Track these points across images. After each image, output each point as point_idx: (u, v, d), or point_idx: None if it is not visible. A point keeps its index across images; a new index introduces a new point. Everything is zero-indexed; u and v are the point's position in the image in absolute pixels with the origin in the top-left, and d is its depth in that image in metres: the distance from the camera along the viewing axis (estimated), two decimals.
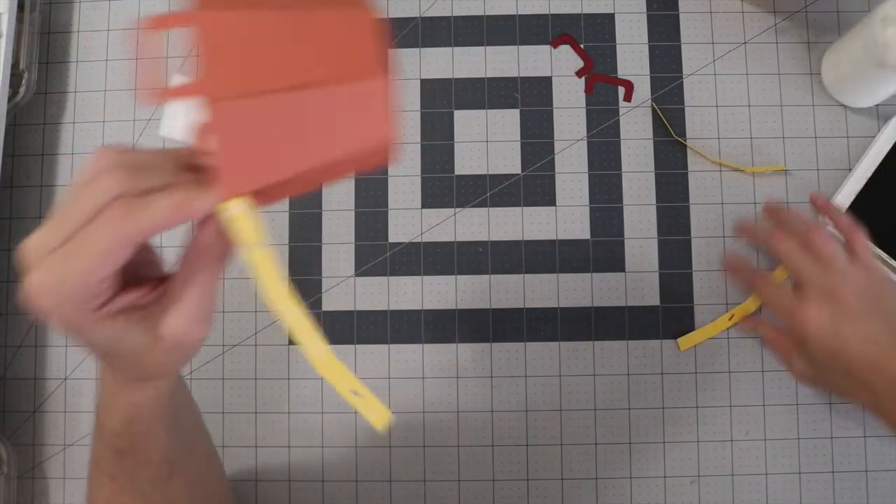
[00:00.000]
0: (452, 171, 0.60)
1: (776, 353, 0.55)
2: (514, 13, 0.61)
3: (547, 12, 0.61)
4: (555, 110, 0.60)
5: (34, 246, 0.30)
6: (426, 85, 0.61)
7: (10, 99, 0.59)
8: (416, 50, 0.61)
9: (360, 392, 0.31)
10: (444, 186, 0.60)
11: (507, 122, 0.60)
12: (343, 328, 0.58)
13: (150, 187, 0.29)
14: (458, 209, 0.59)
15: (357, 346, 0.58)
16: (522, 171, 0.60)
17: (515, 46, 0.61)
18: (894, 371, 0.46)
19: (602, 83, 0.60)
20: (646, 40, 0.61)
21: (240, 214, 0.30)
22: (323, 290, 0.59)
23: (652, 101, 0.60)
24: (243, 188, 0.30)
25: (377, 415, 0.32)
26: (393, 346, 0.58)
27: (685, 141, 0.59)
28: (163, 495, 0.41)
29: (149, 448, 0.39)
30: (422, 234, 0.59)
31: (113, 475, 0.41)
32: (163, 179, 0.30)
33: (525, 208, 0.59)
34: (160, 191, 0.29)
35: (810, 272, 0.50)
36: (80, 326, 0.31)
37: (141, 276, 0.33)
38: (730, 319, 0.57)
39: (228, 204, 0.30)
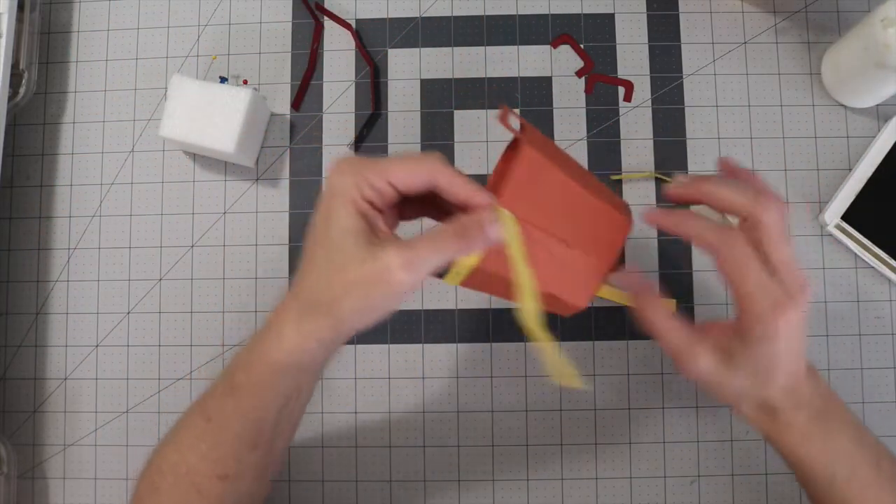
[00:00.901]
0: None
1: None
2: (514, 13, 0.61)
3: (547, 12, 0.61)
4: (555, 110, 0.60)
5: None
6: (426, 85, 0.61)
7: (10, 99, 0.59)
8: (416, 50, 0.61)
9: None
10: None
11: None
12: None
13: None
14: None
15: (357, 346, 0.58)
16: None
17: (515, 46, 0.61)
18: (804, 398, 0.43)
19: (602, 83, 0.60)
20: (646, 40, 0.61)
21: (509, 222, 0.39)
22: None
23: (651, 101, 0.60)
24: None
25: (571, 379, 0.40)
26: (393, 346, 0.58)
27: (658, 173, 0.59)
28: (237, 462, 0.42)
29: (256, 400, 0.41)
30: (422, 233, 0.59)
31: (209, 415, 0.43)
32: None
33: None
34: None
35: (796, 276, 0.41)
36: (343, 196, 0.38)
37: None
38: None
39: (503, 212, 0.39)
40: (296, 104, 0.61)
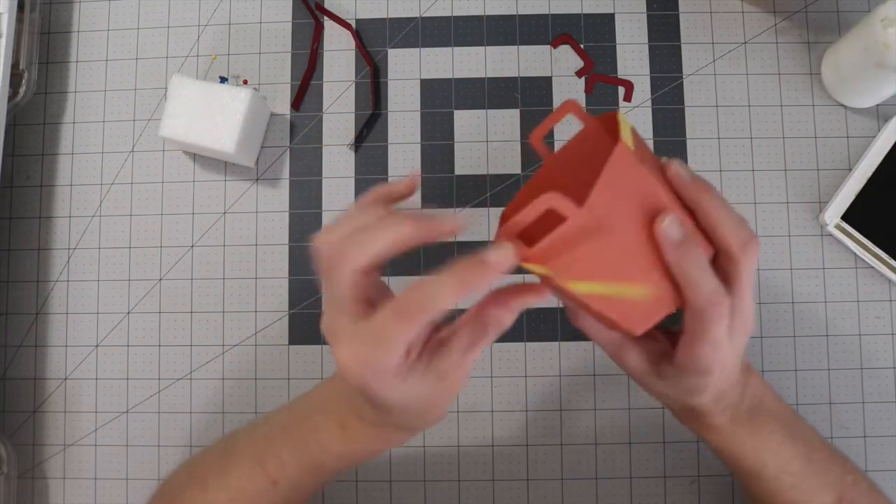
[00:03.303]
0: (452, 171, 0.60)
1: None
2: (514, 13, 0.61)
3: (547, 12, 0.61)
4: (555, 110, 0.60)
5: (332, 225, 0.38)
6: (426, 85, 0.61)
7: (10, 99, 0.59)
8: (416, 50, 0.61)
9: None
10: (444, 186, 0.60)
11: (507, 122, 0.60)
12: None
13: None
14: (458, 209, 0.59)
15: None
16: (522, 171, 0.60)
17: (515, 46, 0.61)
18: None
19: (602, 83, 0.60)
20: (646, 40, 0.61)
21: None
22: (323, 290, 0.59)
23: (651, 101, 0.60)
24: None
25: None
26: None
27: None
28: None
29: (333, 476, 0.44)
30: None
31: (275, 480, 0.43)
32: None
33: None
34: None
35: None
36: (342, 290, 0.36)
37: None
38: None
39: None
40: (296, 104, 0.61)
